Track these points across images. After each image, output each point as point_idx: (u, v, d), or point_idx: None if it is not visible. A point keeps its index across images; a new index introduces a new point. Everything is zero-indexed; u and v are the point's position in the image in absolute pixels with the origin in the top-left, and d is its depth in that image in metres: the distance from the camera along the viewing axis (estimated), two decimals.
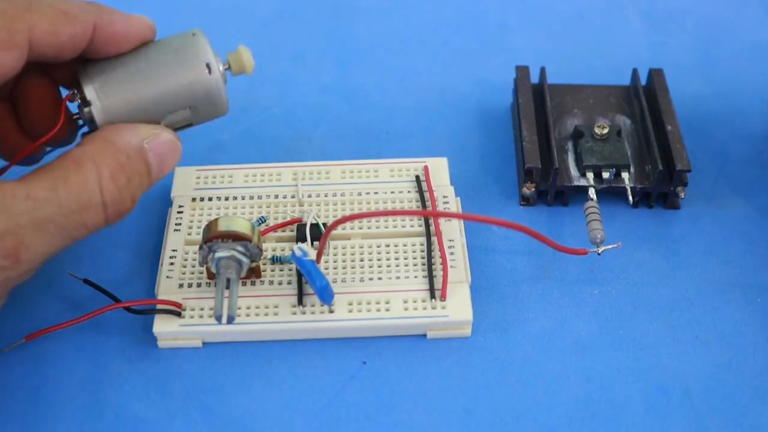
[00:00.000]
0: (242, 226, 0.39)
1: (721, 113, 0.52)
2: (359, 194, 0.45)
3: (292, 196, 0.45)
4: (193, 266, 0.42)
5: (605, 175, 0.45)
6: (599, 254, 0.42)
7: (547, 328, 0.42)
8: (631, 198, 0.45)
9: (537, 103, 0.49)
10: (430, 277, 0.41)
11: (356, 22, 0.56)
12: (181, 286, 0.41)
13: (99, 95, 0.37)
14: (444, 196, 0.45)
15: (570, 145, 0.47)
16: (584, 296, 0.43)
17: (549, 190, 0.46)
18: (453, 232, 0.43)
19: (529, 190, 0.46)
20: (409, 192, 0.45)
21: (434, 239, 0.42)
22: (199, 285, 0.41)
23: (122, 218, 0.38)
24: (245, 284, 0.41)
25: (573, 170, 0.46)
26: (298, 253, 0.39)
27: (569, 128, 0.48)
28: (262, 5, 0.57)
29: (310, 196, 0.45)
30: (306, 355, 0.40)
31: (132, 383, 0.39)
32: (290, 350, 0.41)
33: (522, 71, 0.50)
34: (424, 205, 0.44)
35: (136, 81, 0.38)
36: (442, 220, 0.43)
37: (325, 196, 0.45)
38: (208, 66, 0.38)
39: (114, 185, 0.36)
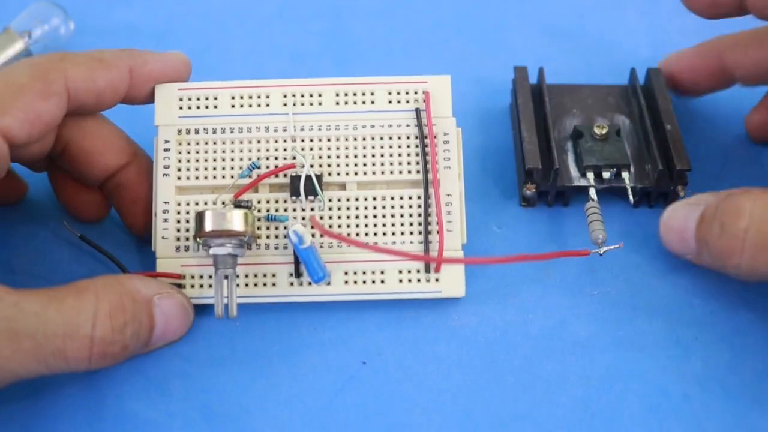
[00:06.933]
0: (236, 224, 0.38)
1: (721, 113, 0.52)
2: (354, 128, 0.43)
3: (284, 129, 0.43)
4: (188, 221, 0.41)
5: (605, 174, 0.45)
6: (601, 255, 0.42)
7: (547, 328, 0.42)
8: (631, 197, 0.45)
9: (536, 103, 0.49)
10: (426, 243, 0.41)
11: (356, 22, 0.56)
12: (178, 249, 0.41)
13: None
14: (445, 134, 0.43)
15: (569, 145, 0.47)
16: (584, 296, 0.43)
17: (549, 191, 0.46)
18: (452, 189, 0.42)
19: (529, 190, 0.46)
20: (408, 126, 0.43)
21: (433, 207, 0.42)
22: (197, 249, 0.41)
23: (106, 364, 0.36)
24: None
25: (573, 170, 0.46)
26: (294, 238, 0.39)
27: (568, 128, 0.48)
28: (262, 5, 0.57)
29: (303, 129, 0.43)
30: (306, 355, 0.40)
31: (132, 383, 0.39)
32: (290, 350, 0.41)
33: (520, 72, 0.50)
34: (423, 150, 0.42)
35: None
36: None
37: (319, 129, 0.43)
38: None
39: (109, 323, 0.35)
